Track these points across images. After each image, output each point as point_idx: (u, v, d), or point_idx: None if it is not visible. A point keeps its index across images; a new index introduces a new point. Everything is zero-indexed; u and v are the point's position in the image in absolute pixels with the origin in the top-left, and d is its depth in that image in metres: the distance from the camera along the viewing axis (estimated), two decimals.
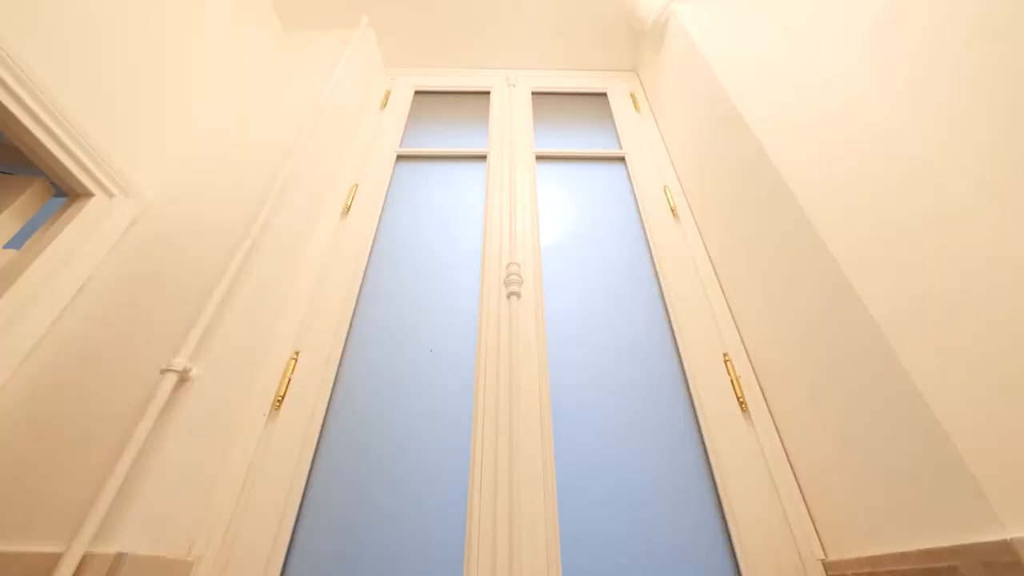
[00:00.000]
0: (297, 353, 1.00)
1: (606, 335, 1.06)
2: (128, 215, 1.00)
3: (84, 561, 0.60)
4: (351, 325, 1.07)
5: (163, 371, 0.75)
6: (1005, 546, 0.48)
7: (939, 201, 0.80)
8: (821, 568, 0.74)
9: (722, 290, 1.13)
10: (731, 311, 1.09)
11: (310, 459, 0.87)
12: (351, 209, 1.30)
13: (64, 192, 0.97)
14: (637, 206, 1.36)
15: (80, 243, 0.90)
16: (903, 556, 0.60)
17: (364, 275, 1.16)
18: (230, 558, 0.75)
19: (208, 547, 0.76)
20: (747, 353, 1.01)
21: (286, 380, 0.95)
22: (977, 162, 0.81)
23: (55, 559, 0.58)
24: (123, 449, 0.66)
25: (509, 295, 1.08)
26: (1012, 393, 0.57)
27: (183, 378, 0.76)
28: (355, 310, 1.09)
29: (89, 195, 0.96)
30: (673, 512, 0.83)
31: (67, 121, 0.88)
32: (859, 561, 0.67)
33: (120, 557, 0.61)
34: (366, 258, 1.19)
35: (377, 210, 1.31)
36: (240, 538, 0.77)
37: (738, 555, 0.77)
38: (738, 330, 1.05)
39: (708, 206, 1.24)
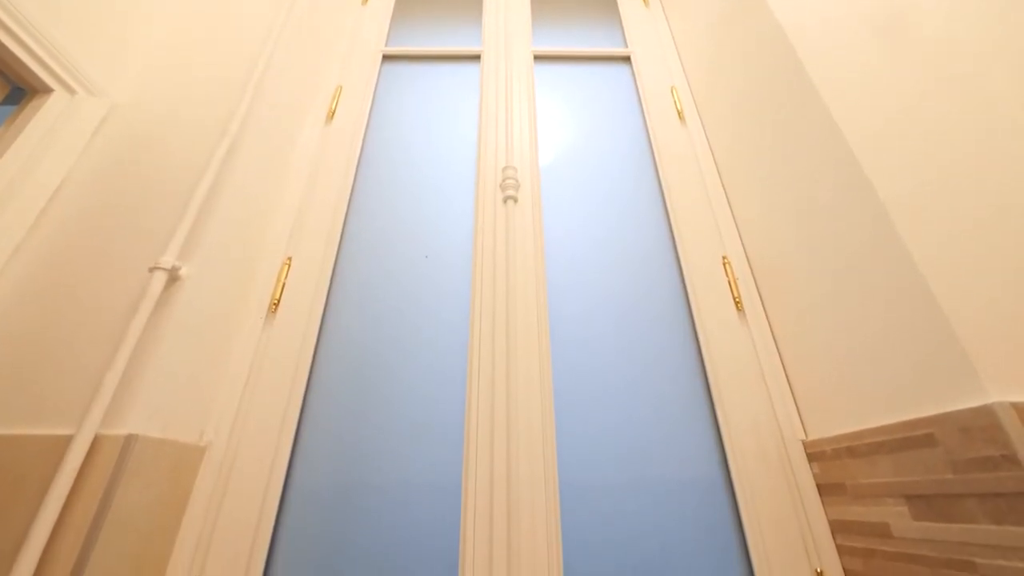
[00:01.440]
0: (290, 259, 0.98)
1: (605, 240, 1.05)
2: (95, 114, 0.93)
3: (96, 442, 0.62)
4: (343, 231, 1.04)
5: (152, 269, 0.73)
6: (984, 410, 0.49)
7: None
8: (801, 448, 0.79)
9: (725, 194, 1.09)
10: (733, 215, 1.06)
11: (310, 359, 0.88)
12: (336, 113, 1.22)
13: (21, 87, 0.90)
14: (642, 109, 1.28)
15: (47, 142, 0.85)
16: (882, 429, 0.62)
17: (354, 181, 1.11)
18: (240, 445, 0.79)
19: (218, 434, 0.79)
20: (746, 255, 1.00)
21: (280, 284, 0.95)
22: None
23: (67, 440, 0.61)
24: (120, 342, 0.67)
25: (506, 199, 1.05)
26: (1007, 264, 0.56)
27: (173, 277, 0.75)
28: (346, 216, 1.06)
29: (48, 91, 0.90)
30: (665, 405, 0.86)
31: (18, 11, 0.81)
32: (838, 438, 0.71)
33: (131, 438, 0.63)
34: (355, 163, 1.13)
35: (364, 114, 1.23)
36: (249, 427, 0.80)
37: (723, 436, 0.81)
38: (739, 233, 1.03)
39: (717, 108, 1.16)
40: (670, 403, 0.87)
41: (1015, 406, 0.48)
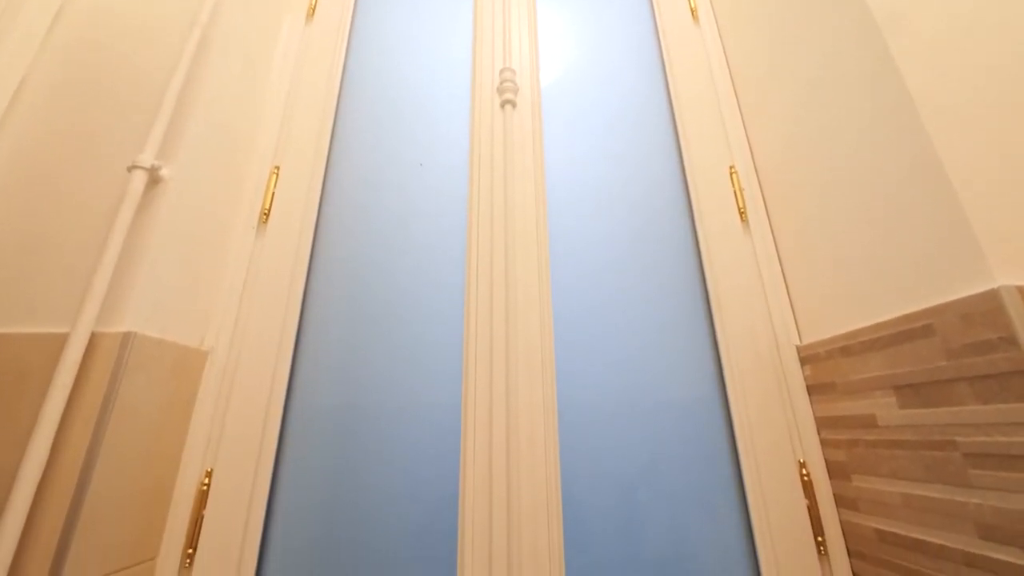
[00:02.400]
0: (277, 168, 0.94)
1: (609, 150, 1.00)
2: (47, 6, 0.84)
3: (94, 340, 0.62)
4: (332, 139, 0.99)
5: (130, 168, 0.70)
6: (989, 295, 0.48)
7: None
8: (795, 352, 0.80)
9: (737, 100, 1.03)
10: (743, 122, 1.00)
11: (305, 271, 0.87)
12: (316, 9, 1.11)
13: None
14: (652, 6, 1.17)
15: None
16: (878, 326, 0.63)
17: (340, 84, 1.04)
18: (241, 353, 0.79)
19: (219, 340, 0.79)
20: (754, 164, 0.96)
21: (270, 194, 0.91)
22: None
23: (64, 338, 0.60)
24: (106, 242, 0.65)
25: (503, 104, 0.98)
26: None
27: (154, 178, 0.72)
28: (335, 123, 1.00)
29: None
30: (665, 320, 0.86)
31: None
32: (833, 339, 0.72)
33: (129, 336, 0.63)
34: (340, 65, 1.05)
35: (348, 9, 1.12)
36: (249, 336, 0.80)
37: (720, 347, 0.82)
38: (748, 141, 0.98)
39: (734, 4, 1.06)
40: (670, 318, 0.87)
41: (1020, 289, 0.47)
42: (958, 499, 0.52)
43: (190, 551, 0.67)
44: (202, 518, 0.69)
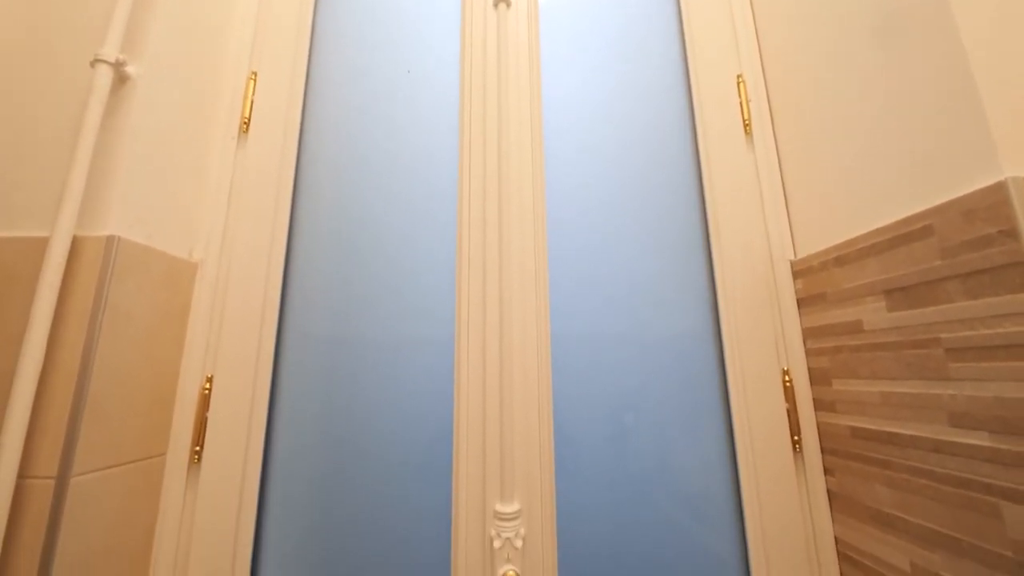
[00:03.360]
0: (255, 74, 0.87)
1: (610, 55, 0.93)
2: None
3: (77, 245, 0.61)
4: (312, 42, 0.92)
5: (93, 63, 0.65)
6: (995, 188, 0.47)
7: None
8: (788, 267, 0.80)
9: (751, 3, 0.95)
10: (756, 27, 0.93)
11: (291, 184, 0.84)
12: None
13: None
14: None
15: None
16: (875, 232, 0.62)
17: None
18: (232, 263, 0.78)
19: (208, 252, 0.78)
20: (763, 72, 0.90)
21: (248, 101, 0.86)
22: None
23: (44, 243, 0.59)
24: (77, 143, 0.62)
25: (496, 2, 0.90)
26: None
27: (121, 75, 0.67)
28: (314, 25, 0.93)
29: None
30: (663, 240, 0.85)
31: None
32: (828, 250, 0.71)
33: (113, 239, 0.62)
34: None
35: None
36: (238, 245, 0.79)
37: (714, 257, 0.82)
38: (759, 47, 0.92)
39: None
40: (668, 242, 0.85)
41: None
42: (934, 392, 0.53)
43: (197, 448, 0.70)
44: (206, 420, 0.71)
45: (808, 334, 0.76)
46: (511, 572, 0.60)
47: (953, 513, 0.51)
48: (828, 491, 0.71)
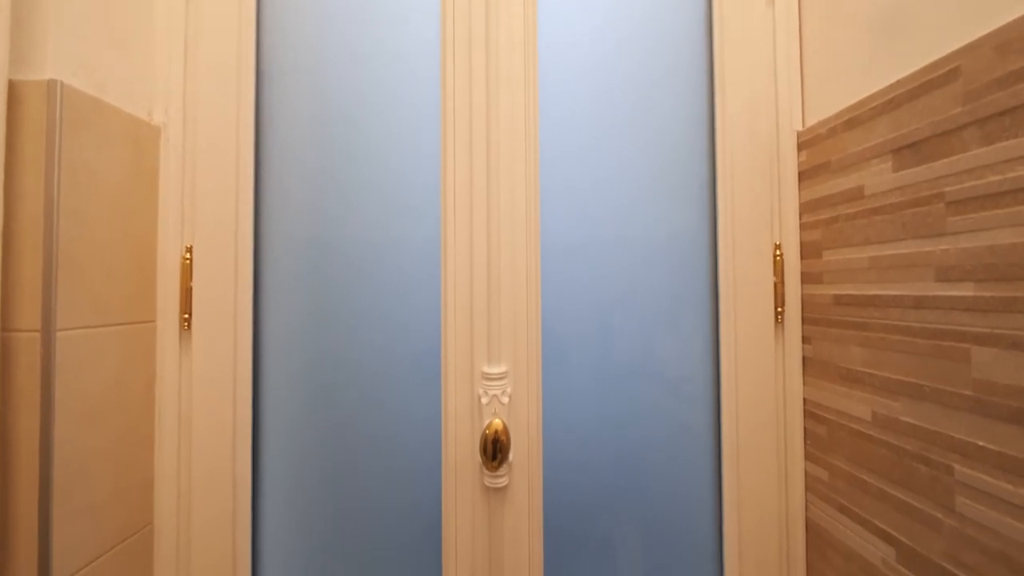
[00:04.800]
0: None
1: None
2: None
3: (14, 91, 0.54)
4: None
5: None
6: None
7: None
8: (794, 138, 0.75)
9: None
10: None
11: (252, 43, 0.75)
12: None
13: None
14: None
15: None
16: (896, 84, 0.57)
17: None
18: (198, 129, 0.72)
19: (170, 115, 0.72)
20: None
21: None
22: None
23: None
24: None
25: None
26: None
27: None
28: None
29: None
30: (663, 110, 0.78)
31: None
32: (839, 114, 0.66)
33: (54, 84, 0.55)
34: None
35: None
36: (200, 109, 0.72)
37: (717, 125, 0.77)
38: None
39: None
40: (669, 124, 0.78)
41: None
42: (925, 250, 0.53)
43: (186, 316, 0.70)
44: (191, 289, 0.71)
45: (805, 208, 0.74)
46: (497, 421, 0.64)
47: (922, 363, 0.53)
48: (803, 358, 0.74)
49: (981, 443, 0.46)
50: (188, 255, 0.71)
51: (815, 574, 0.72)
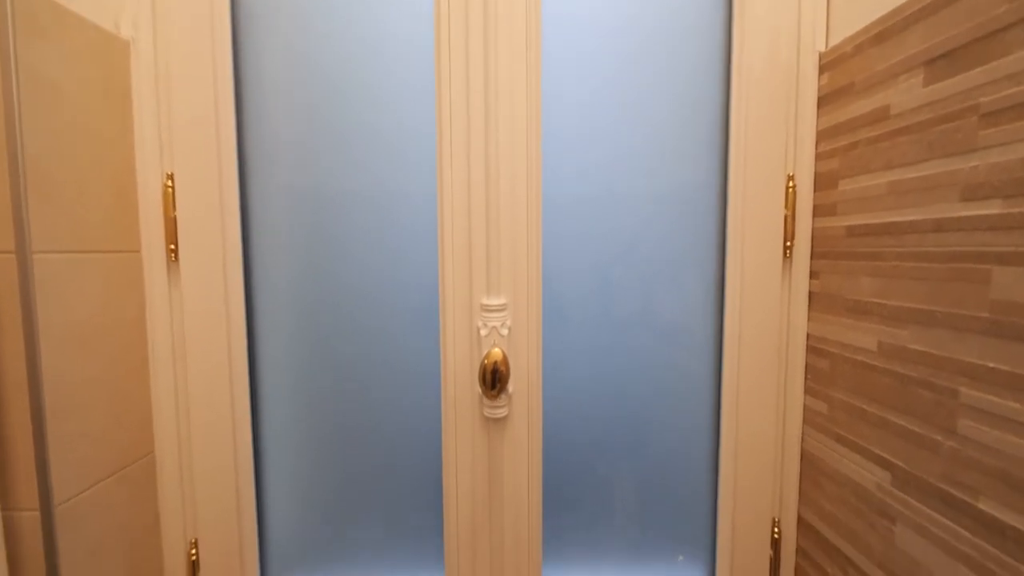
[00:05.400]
0: None
1: None
2: None
3: None
4: None
5: None
6: None
7: None
8: (815, 60, 0.70)
9: None
10: None
11: None
12: None
13: None
14: None
15: None
16: None
17: None
18: (169, 44, 0.66)
19: (139, 30, 0.66)
20: None
21: None
22: None
23: None
24: None
25: None
26: None
27: None
28: None
29: None
30: (674, 34, 0.72)
31: None
32: (867, 28, 0.61)
33: None
34: None
35: None
36: (172, 23, 0.66)
37: (734, 49, 0.71)
38: None
39: None
40: (682, 59, 0.73)
41: None
42: (952, 168, 0.50)
43: (172, 247, 0.68)
44: (175, 219, 0.67)
45: (822, 136, 0.70)
46: (496, 350, 0.63)
47: (936, 288, 0.51)
48: (809, 293, 0.73)
49: (992, 364, 0.45)
50: (170, 183, 0.67)
51: (807, 501, 0.74)
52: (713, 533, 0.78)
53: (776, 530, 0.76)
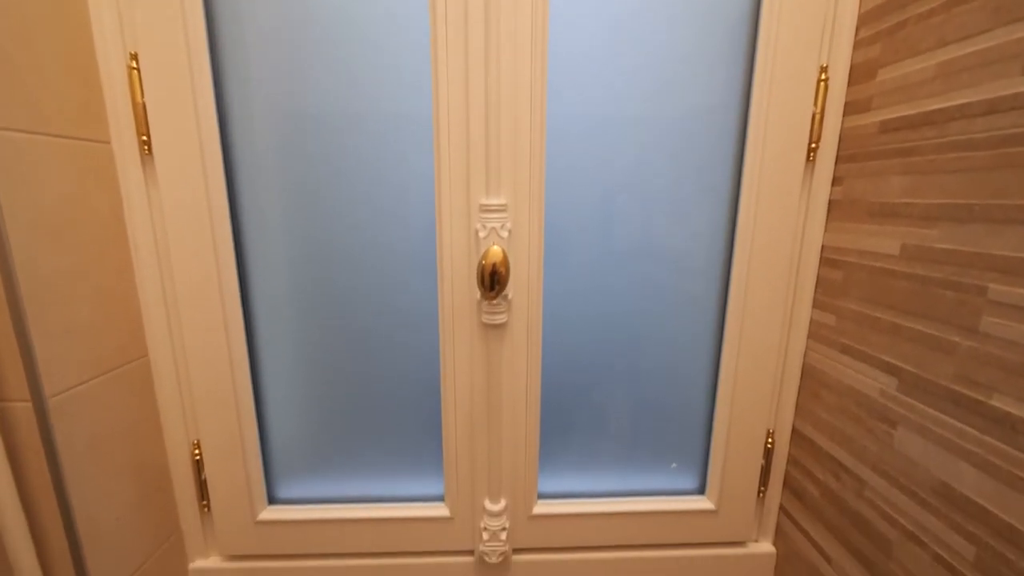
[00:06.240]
0: None
1: None
2: None
3: None
4: None
5: None
6: None
7: None
8: None
9: None
10: None
11: None
12: None
13: None
14: None
15: None
16: None
17: None
18: None
19: None
20: None
21: None
22: None
23: None
24: None
25: None
26: None
27: None
28: None
29: None
30: None
31: None
32: None
33: None
34: None
35: None
36: None
37: None
38: None
39: None
40: None
41: None
42: (1019, 35, 0.43)
43: (144, 137, 0.62)
44: (144, 105, 0.61)
45: (864, 20, 0.62)
46: (496, 248, 0.60)
47: (977, 179, 0.47)
48: (829, 202, 0.68)
49: None
50: (134, 64, 0.60)
51: (803, 413, 0.74)
52: (707, 444, 0.80)
53: (770, 440, 0.77)
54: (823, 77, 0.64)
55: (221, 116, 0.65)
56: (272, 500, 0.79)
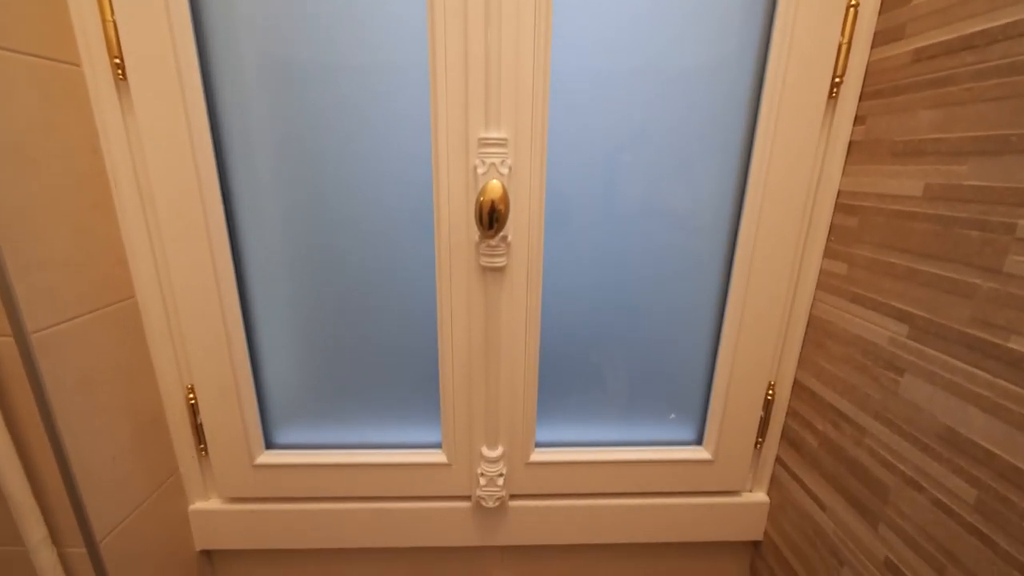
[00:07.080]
0: None
1: None
2: None
3: None
4: None
5: None
6: None
7: None
8: None
9: None
10: None
11: None
12: None
13: None
14: None
15: None
16: None
17: None
18: None
19: None
20: None
21: None
22: None
23: None
24: None
25: None
26: None
27: None
28: None
29: None
30: None
31: None
32: None
33: None
34: None
35: None
36: None
37: None
38: None
39: None
40: None
41: None
42: None
43: (117, 60, 0.58)
44: (114, 23, 0.56)
45: None
46: (495, 183, 0.56)
47: (1019, 107, 0.43)
48: (850, 142, 0.64)
49: None
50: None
51: (806, 365, 0.73)
52: (707, 395, 0.79)
53: (770, 392, 0.76)
54: (854, 2, 0.59)
55: (202, 51, 0.60)
56: (270, 445, 0.79)
